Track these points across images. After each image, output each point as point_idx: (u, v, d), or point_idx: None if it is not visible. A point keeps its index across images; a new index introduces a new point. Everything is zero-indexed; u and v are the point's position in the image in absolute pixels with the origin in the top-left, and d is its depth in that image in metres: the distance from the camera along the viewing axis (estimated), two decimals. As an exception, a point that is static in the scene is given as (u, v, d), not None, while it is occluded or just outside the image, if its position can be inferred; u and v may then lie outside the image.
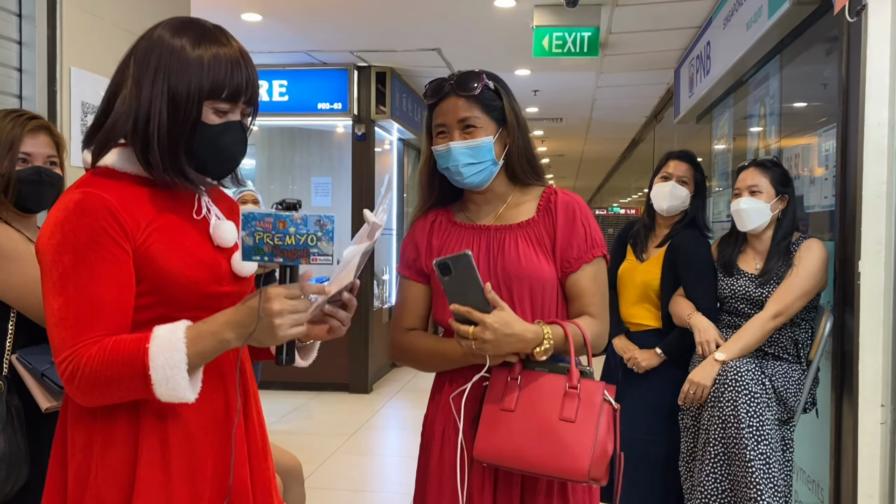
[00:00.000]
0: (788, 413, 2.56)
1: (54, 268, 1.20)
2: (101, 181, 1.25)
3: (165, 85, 1.25)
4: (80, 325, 1.19)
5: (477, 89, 1.63)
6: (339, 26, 5.73)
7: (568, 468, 1.49)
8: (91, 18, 2.65)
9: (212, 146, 1.29)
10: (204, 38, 1.28)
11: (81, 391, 1.19)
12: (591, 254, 1.66)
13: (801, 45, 3.64)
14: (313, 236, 1.20)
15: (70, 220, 1.20)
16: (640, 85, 7.47)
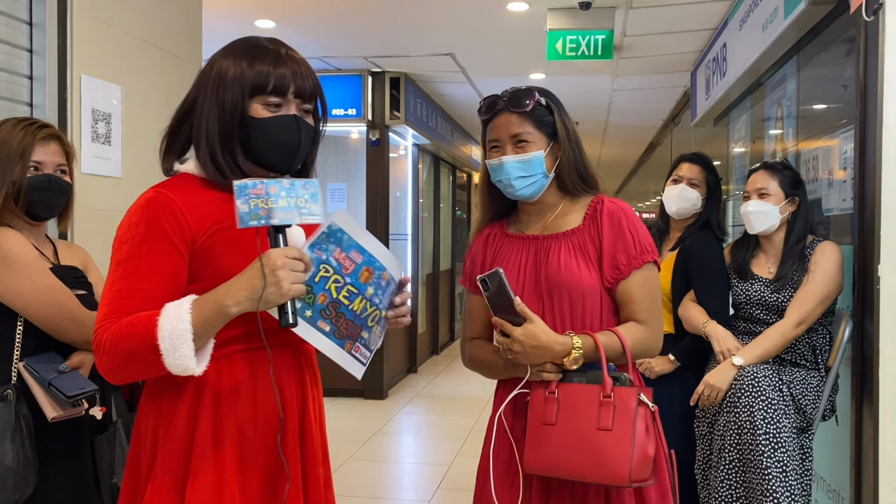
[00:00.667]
0: (807, 421, 2.51)
1: (115, 255, 1.33)
2: (176, 183, 1.38)
3: (213, 89, 1.37)
4: (113, 305, 1.30)
5: (529, 106, 1.71)
6: (353, 32, 5.73)
7: (609, 475, 1.55)
8: (101, 26, 2.66)
9: (264, 139, 1.38)
10: (250, 46, 1.41)
11: (104, 364, 1.30)
12: (641, 259, 1.70)
13: (818, 45, 3.58)
14: (301, 199, 1.31)
15: (136, 215, 1.33)
16: (656, 88, 7.42)
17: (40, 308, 1.87)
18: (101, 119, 2.66)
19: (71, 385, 1.87)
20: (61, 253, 2.09)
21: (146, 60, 2.92)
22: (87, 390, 1.90)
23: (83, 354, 1.97)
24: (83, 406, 1.92)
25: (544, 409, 1.63)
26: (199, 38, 3.35)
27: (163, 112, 3.03)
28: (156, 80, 2.98)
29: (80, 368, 1.95)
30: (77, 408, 1.90)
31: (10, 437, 1.79)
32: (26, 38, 2.44)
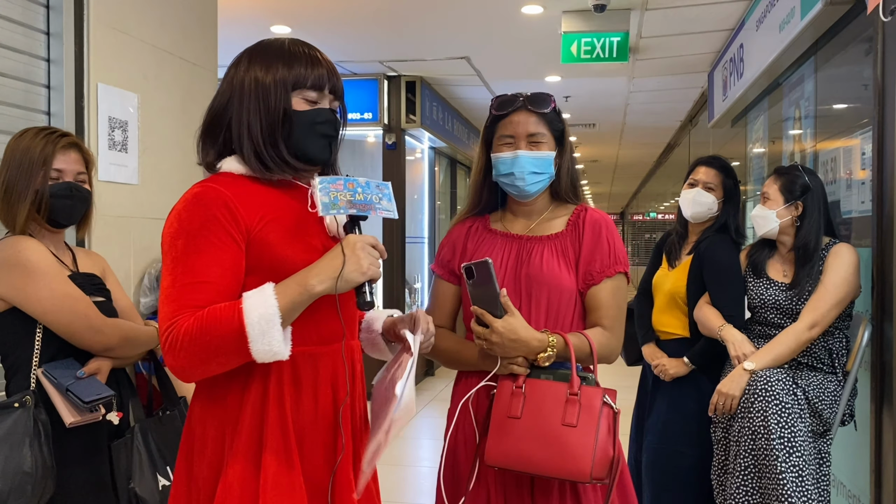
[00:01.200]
0: (824, 426, 2.48)
1: (169, 252, 1.33)
2: (221, 178, 1.41)
3: (253, 91, 1.42)
4: (181, 300, 1.29)
5: (548, 108, 1.78)
6: (368, 37, 5.75)
7: (571, 470, 1.58)
8: (117, 35, 2.68)
9: (307, 130, 1.43)
10: (282, 47, 1.46)
11: (180, 361, 1.28)
12: (613, 269, 1.77)
13: (836, 45, 3.55)
14: (376, 196, 1.43)
15: (187, 209, 1.34)
16: (673, 89, 7.38)
17: (58, 315, 1.89)
18: (118, 127, 2.69)
19: (88, 391, 1.89)
20: (80, 260, 2.11)
21: (162, 68, 2.94)
22: (103, 396, 1.91)
23: (100, 360, 1.99)
24: (100, 411, 1.94)
25: (510, 402, 1.66)
26: (214, 46, 3.38)
27: (179, 119, 3.06)
28: (172, 87, 3.00)
29: (98, 374, 1.97)
30: (94, 413, 1.92)
31: (28, 442, 1.81)
32: (44, 47, 2.47)
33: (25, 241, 1.93)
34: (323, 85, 1.45)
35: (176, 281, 1.31)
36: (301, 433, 1.40)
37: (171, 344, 1.28)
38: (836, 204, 3.32)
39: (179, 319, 1.28)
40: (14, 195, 1.92)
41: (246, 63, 1.45)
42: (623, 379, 3.19)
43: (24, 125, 2.14)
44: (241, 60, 1.47)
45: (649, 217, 21.49)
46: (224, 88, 1.46)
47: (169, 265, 1.33)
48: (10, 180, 1.93)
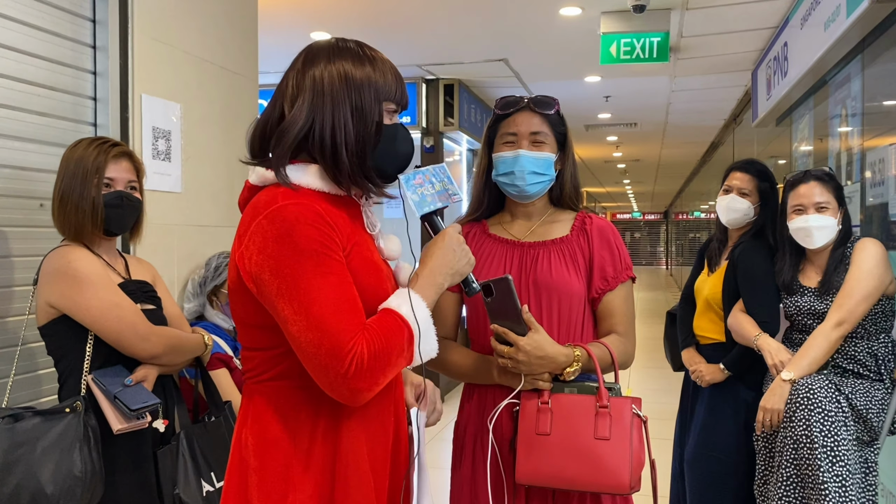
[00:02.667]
0: (872, 434, 2.42)
1: (294, 276, 1.21)
2: (297, 195, 1.28)
3: (347, 92, 1.31)
4: (346, 322, 1.22)
5: (552, 109, 1.77)
6: (406, 41, 5.78)
7: (610, 484, 1.57)
8: (160, 46, 2.75)
9: (391, 147, 1.36)
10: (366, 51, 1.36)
11: (369, 381, 1.23)
12: (625, 274, 1.77)
13: (884, 43, 3.45)
14: (445, 182, 1.45)
15: (298, 230, 1.22)
16: (716, 88, 7.26)
17: (106, 324, 1.95)
18: (161, 136, 2.75)
19: (135, 398, 1.94)
20: (132, 268, 2.16)
21: (204, 78, 3.00)
22: (150, 404, 1.96)
23: (147, 368, 2.04)
24: (147, 419, 1.99)
25: (538, 418, 1.63)
26: (255, 54, 3.43)
27: (220, 127, 3.12)
28: (213, 96, 3.06)
29: (144, 382, 2.01)
30: (141, 420, 1.96)
31: (79, 447, 1.85)
32: (90, 61, 2.54)
33: (76, 251, 1.98)
34: (405, 99, 1.39)
35: (327, 304, 1.21)
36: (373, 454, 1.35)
37: (358, 368, 1.21)
38: (885, 206, 3.23)
39: (356, 343, 1.22)
40: (70, 204, 1.98)
41: (327, 61, 1.32)
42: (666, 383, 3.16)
43: (73, 137, 2.20)
44: (319, 57, 1.33)
45: (693, 216, 21.18)
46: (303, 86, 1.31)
47: (303, 289, 1.21)
48: (65, 189, 1.99)
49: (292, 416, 1.31)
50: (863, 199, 3.64)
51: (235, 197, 1.57)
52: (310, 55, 1.35)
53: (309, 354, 1.22)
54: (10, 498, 1.79)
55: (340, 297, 1.23)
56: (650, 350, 4.40)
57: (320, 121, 1.31)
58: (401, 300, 1.31)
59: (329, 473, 1.30)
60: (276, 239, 1.23)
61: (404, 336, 1.28)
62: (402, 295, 1.32)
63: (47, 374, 2.28)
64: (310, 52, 1.35)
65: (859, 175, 3.79)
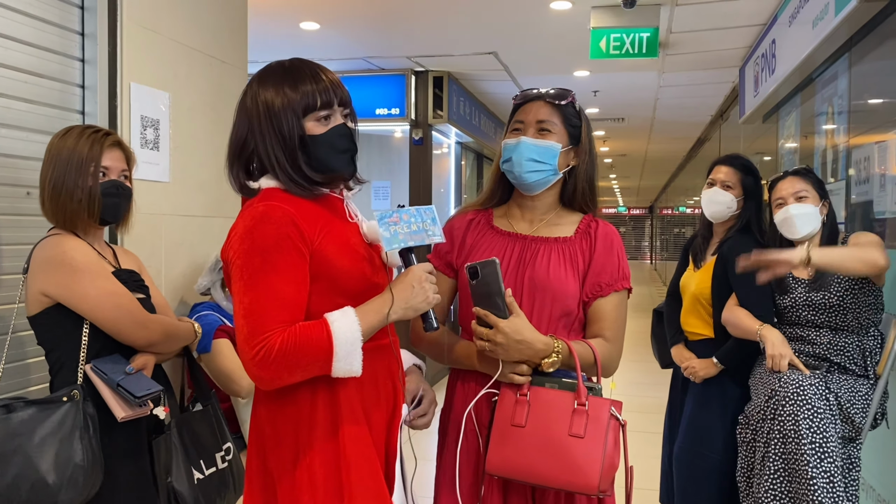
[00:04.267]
0: (854, 430, 2.45)
1: (245, 268, 1.41)
2: (279, 195, 1.48)
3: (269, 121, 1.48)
4: (268, 315, 1.38)
5: (564, 100, 1.75)
6: (396, 32, 5.77)
7: (578, 483, 1.55)
8: (149, 34, 2.72)
9: (326, 151, 1.50)
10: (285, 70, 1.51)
11: (270, 372, 1.37)
12: (621, 283, 1.75)
13: (871, 42, 3.48)
14: (425, 223, 1.54)
15: (259, 228, 1.41)
16: (704, 84, 7.30)
17: (104, 311, 1.94)
18: (150, 125, 2.73)
19: (138, 386, 1.94)
20: (120, 257, 2.15)
21: (193, 67, 2.98)
22: (153, 391, 1.96)
23: (146, 356, 2.04)
24: (149, 406, 1.99)
25: (514, 410, 1.62)
26: (244, 44, 3.41)
27: (209, 116, 3.10)
28: (202, 85, 3.04)
29: (144, 369, 2.01)
30: (143, 408, 1.97)
31: (78, 435, 1.85)
32: (78, 48, 2.51)
33: (70, 240, 1.97)
34: (331, 101, 1.50)
35: (259, 297, 1.38)
36: (369, 416, 1.52)
37: (264, 357, 1.36)
38: (869, 203, 3.26)
39: (271, 335, 1.36)
40: (64, 193, 1.96)
41: (255, 89, 1.51)
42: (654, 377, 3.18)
43: (60, 125, 2.18)
44: (250, 88, 1.52)
45: (678, 211, 21.29)
46: (241, 118, 1.52)
47: (248, 281, 1.40)
48: (57, 178, 1.96)
49: (292, 386, 1.45)
50: (847, 197, 3.68)
51: (224, 187, 1.64)
52: (249, 83, 1.54)
53: (238, 338, 1.41)
54: (8, 489, 1.78)
55: (274, 294, 1.39)
56: (635, 344, 4.42)
57: (253, 142, 1.51)
58: (341, 316, 1.42)
59: (331, 433, 1.47)
60: (243, 233, 1.43)
61: (322, 349, 1.39)
62: (347, 313, 1.43)
63: (35, 363, 2.26)
64: (251, 80, 1.55)
65: (844, 172, 3.83)
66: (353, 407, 1.49)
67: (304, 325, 1.40)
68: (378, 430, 1.54)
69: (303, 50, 6.26)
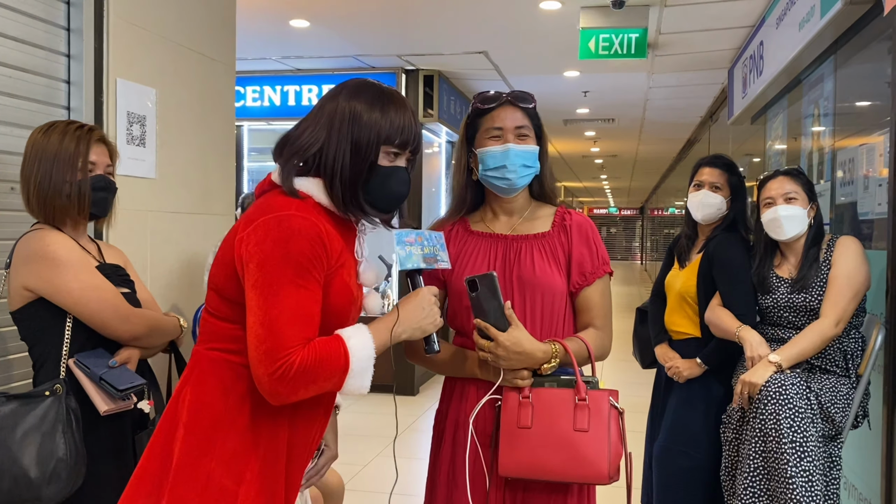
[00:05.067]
0: (835, 430, 2.47)
1: (273, 276, 1.36)
2: (311, 209, 1.44)
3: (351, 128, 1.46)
4: (293, 331, 1.36)
5: (532, 104, 1.81)
6: (386, 31, 5.76)
7: (590, 474, 1.62)
8: (136, 30, 2.72)
9: (383, 185, 1.49)
10: (384, 95, 1.51)
11: (289, 388, 1.35)
12: (602, 269, 1.81)
13: (857, 44, 3.51)
14: (435, 248, 1.60)
15: (295, 240, 1.37)
16: (693, 85, 7.32)
17: (88, 305, 1.93)
18: (136, 121, 2.72)
19: (121, 379, 1.94)
20: (104, 252, 2.15)
21: (180, 63, 2.98)
22: (136, 384, 1.96)
23: (130, 350, 2.03)
24: (132, 400, 1.99)
25: (519, 412, 1.68)
26: (232, 41, 3.41)
27: (196, 113, 3.10)
28: (189, 82, 3.03)
29: (128, 363, 2.01)
30: (127, 401, 1.97)
31: (61, 430, 1.85)
32: (64, 43, 2.50)
33: (53, 234, 1.96)
34: (408, 145, 1.51)
35: (286, 310, 1.35)
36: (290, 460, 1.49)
37: (284, 373, 1.34)
38: (853, 206, 3.29)
39: (293, 352, 1.35)
40: (52, 189, 1.96)
41: (346, 97, 1.49)
42: (639, 376, 3.18)
43: (45, 120, 2.17)
44: (339, 94, 1.50)
45: (669, 212, 21.36)
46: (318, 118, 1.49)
47: (276, 290, 1.35)
48: (44, 175, 1.96)
49: (230, 386, 1.43)
50: (833, 198, 3.70)
51: (210, 184, 1.62)
52: (338, 89, 1.53)
53: (252, 345, 1.36)
54: None
55: (300, 310, 1.37)
56: (624, 343, 4.44)
57: (326, 146, 1.47)
58: (356, 333, 1.42)
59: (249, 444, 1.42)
60: (275, 240, 1.37)
61: (339, 366, 1.38)
62: (361, 330, 1.43)
63: (19, 359, 2.25)
64: (340, 87, 1.54)
65: (830, 174, 3.86)
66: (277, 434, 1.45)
67: (322, 342, 1.39)
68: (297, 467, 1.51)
69: (291, 48, 6.25)
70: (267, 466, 1.43)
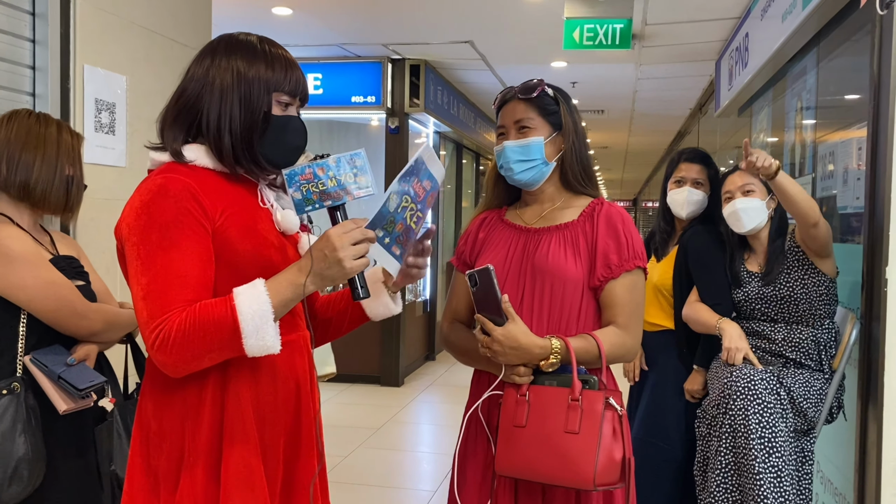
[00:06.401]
0: (808, 424, 2.46)
1: (141, 245, 1.30)
2: (181, 168, 1.38)
3: (237, 84, 1.39)
4: (168, 296, 1.28)
5: (534, 93, 1.76)
6: (372, 19, 5.70)
7: (575, 478, 1.55)
8: (105, 16, 2.67)
9: (279, 136, 1.42)
10: (263, 43, 1.45)
11: (173, 357, 1.28)
12: (632, 262, 1.70)
13: (839, 36, 3.48)
14: (350, 175, 1.35)
15: (156, 202, 1.31)
16: (682, 77, 7.29)
17: (44, 302, 1.88)
18: (105, 109, 2.68)
19: (81, 378, 1.89)
20: (57, 243, 2.11)
21: (152, 50, 2.93)
22: (96, 382, 1.92)
23: (88, 346, 1.99)
24: (92, 398, 1.95)
25: (515, 410, 1.64)
26: (208, 27, 3.36)
27: (170, 101, 3.05)
28: (162, 69, 2.99)
29: (87, 360, 1.97)
30: (86, 400, 1.92)
31: (21, 428, 1.81)
32: (28, 28, 2.45)
33: (6, 227, 1.92)
34: (297, 91, 1.45)
35: (158, 276, 1.29)
36: (262, 422, 1.42)
37: (163, 341, 1.27)
38: (832, 199, 3.27)
39: (170, 316, 1.27)
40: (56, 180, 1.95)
41: (224, 55, 1.42)
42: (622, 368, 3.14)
43: (9, 107, 2.13)
44: (218, 51, 1.43)
45: (660, 204, 21.45)
46: (198, 76, 1.42)
47: (144, 260, 1.30)
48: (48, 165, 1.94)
49: (181, 379, 1.37)
50: (814, 192, 3.68)
51: None
52: (209, 47, 1.46)
53: (137, 321, 1.32)
54: None
55: (175, 272, 1.29)
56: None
57: (208, 107, 1.40)
58: (246, 289, 1.31)
59: (217, 436, 1.37)
60: (139, 207, 1.32)
61: (225, 324, 1.28)
62: (255, 286, 1.32)
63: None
64: (211, 45, 1.47)
65: (812, 167, 3.84)
66: (242, 416, 1.39)
67: (206, 303, 1.30)
68: (273, 439, 1.44)
69: (275, 36, 6.13)
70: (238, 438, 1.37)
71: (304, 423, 1.49)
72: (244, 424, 1.38)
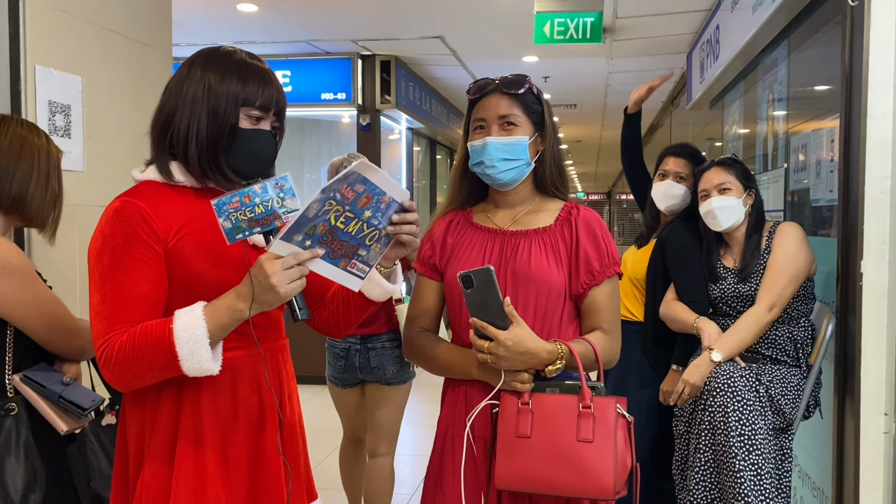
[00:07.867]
0: (786, 421, 2.44)
1: (96, 267, 1.38)
2: (141, 190, 1.43)
3: (206, 96, 1.43)
4: (114, 316, 1.35)
5: (521, 89, 1.68)
6: (340, 14, 5.62)
7: (594, 489, 1.49)
8: (57, 14, 2.56)
9: (245, 149, 1.45)
10: (235, 60, 1.47)
11: (116, 375, 1.35)
12: (612, 269, 1.68)
13: (810, 28, 3.47)
14: (277, 199, 1.37)
15: (109, 225, 1.38)
16: (653, 70, 7.27)
17: (41, 320, 1.80)
18: (60, 111, 2.58)
19: (83, 397, 1.86)
20: None
21: (109, 49, 2.82)
22: (97, 401, 1.89)
23: (75, 364, 1.93)
24: (90, 416, 1.90)
25: (517, 420, 1.55)
26: (168, 25, 3.25)
27: (129, 102, 2.94)
28: (120, 69, 2.88)
29: (78, 378, 1.92)
30: (86, 419, 1.88)
31: (24, 452, 1.76)
32: (-25, 27, 2.35)
33: (3, 242, 1.80)
34: (270, 106, 1.47)
35: (106, 297, 1.35)
36: (223, 433, 1.44)
37: (106, 359, 1.34)
38: (805, 192, 3.26)
39: (113, 336, 1.34)
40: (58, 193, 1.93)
41: (200, 68, 1.46)
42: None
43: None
44: (195, 64, 1.48)
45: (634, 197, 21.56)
46: (175, 90, 1.46)
47: (97, 281, 1.37)
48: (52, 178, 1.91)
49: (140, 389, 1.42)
50: (787, 185, 3.68)
51: None
52: (188, 60, 1.50)
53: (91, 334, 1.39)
54: None
55: (122, 293, 1.35)
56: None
57: (179, 118, 1.44)
58: (186, 313, 1.35)
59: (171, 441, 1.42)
60: (97, 231, 1.40)
61: (162, 347, 1.33)
62: (193, 309, 1.35)
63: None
64: (191, 58, 1.51)
65: (784, 159, 3.83)
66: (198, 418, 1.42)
67: (148, 325, 1.35)
68: (237, 451, 1.45)
69: (241, 33, 6.07)
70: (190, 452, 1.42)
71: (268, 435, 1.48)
72: (197, 435, 1.42)
